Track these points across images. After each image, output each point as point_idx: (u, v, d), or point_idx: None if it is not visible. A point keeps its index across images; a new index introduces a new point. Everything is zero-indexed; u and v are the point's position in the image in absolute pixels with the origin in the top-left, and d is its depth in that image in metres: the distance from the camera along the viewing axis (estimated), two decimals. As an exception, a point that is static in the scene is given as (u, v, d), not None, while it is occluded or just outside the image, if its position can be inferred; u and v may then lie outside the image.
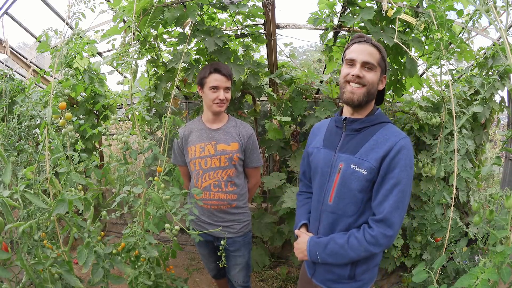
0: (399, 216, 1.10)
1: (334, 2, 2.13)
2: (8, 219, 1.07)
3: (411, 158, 1.13)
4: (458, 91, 2.12)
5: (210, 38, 1.99)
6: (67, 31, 1.54)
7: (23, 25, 2.63)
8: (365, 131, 1.20)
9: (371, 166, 1.13)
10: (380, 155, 1.12)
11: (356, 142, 1.20)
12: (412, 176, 1.14)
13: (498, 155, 1.42)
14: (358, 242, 1.13)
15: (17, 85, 2.45)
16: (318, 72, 3.22)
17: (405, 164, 1.10)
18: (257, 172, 1.92)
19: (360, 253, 1.13)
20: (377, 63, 1.18)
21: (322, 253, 1.19)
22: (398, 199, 1.09)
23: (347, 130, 1.24)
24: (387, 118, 1.24)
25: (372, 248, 1.12)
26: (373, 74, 1.18)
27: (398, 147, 1.11)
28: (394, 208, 1.09)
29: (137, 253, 1.51)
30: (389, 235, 1.10)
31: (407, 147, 1.12)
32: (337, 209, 1.21)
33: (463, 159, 1.93)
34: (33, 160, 1.93)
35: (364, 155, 1.15)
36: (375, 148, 1.14)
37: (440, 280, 1.92)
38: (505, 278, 0.99)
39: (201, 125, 1.82)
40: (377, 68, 1.18)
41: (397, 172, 1.10)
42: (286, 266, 2.95)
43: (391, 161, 1.11)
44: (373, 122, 1.21)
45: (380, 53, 1.19)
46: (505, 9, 1.22)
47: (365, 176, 1.14)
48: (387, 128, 1.18)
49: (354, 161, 1.16)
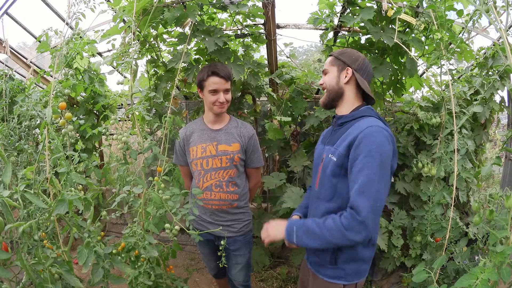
0: (367, 201, 1.09)
1: (334, 2, 2.13)
2: (8, 219, 1.07)
3: (378, 144, 1.12)
4: (458, 91, 2.12)
5: (210, 38, 1.99)
6: (67, 31, 1.54)
7: (23, 25, 2.64)
8: (346, 125, 1.29)
9: (339, 152, 1.21)
10: (347, 143, 1.19)
11: (337, 135, 1.30)
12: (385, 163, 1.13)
13: (498, 155, 1.43)
14: (334, 223, 1.15)
15: (17, 85, 2.44)
16: (318, 72, 3.21)
17: (369, 150, 1.12)
18: (258, 172, 1.92)
19: (333, 233, 1.14)
20: (331, 65, 1.33)
21: (299, 230, 1.22)
22: (362, 183, 1.10)
23: (335, 126, 1.36)
24: (370, 113, 1.28)
25: (348, 233, 1.11)
26: (329, 75, 1.33)
27: (363, 134, 1.15)
28: (358, 193, 1.11)
29: (137, 253, 1.51)
30: (360, 220, 1.09)
31: (375, 134, 1.14)
32: (320, 194, 1.31)
33: (463, 159, 1.93)
34: (33, 160, 1.93)
35: (338, 145, 1.24)
36: (347, 138, 1.21)
37: (440, 280, 1.92)
38: (505, 278, 0.99)
39: (202, 125, 1.82)
40: (331, 68, 1.33)
41: (361, 158, 1.13)
42: (286, 266, 2.95)
43: (356, 148, 1.15)
44: (354, 117, 1.28)
45: (332, 56, 1.35)
46: (505, 9, 1.22)
47: (335, 162, 1.22)
48: (363, 120, 1.23)
49: (331, 151, 1.27)
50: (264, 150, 2.84)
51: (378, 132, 1.14)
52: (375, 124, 1.17)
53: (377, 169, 1.11)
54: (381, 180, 1.12)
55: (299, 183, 2.73)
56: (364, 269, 1.28)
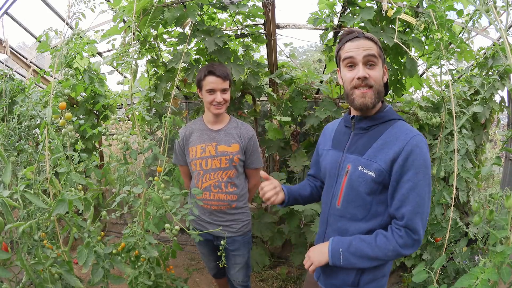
0: (421, 220, 1.04)
1: (334, 2, 2.13)
2: (8, 219, 1.07)
3: (425, 157, 1.03)
4: (458, 91, 2.12)
5: (210, 38, 1.99)
6: (67, 31, 1.54)
7: (23, 25, 2.63)
8: (374, 129, 1.12)
9: (380, 168, 1.05)
10: (390, 157, 1.04)
11: (364, 142, 1.12)
12: (430, 175, 1.06)
13: (498, 155, 1.43)
14: (388, 242, 1.05)
15: (17, 85, 2.44)
16: (318, 72, 3.22)
17: (420, 165, 1.02)
18: (258, 173, 1.92)
19: (387, 253, 1.05)
20: (378, 55, 1.09)
21: (345, 252, 1.09)
22: (416, 203, 1.02)
23: (356, 129, 1.17)
24: (397, 115, 1.14)
25: (401, 250, 1.04)
26: (377, 69, 1.09)
27: (410, 147, 1.02)
28: (413, 214, 1.02)
29: (137, 253, 1.51)
30: (416, 239, 1.04)
31: (420, 145, 1.03)
32: (346, 213, 1.15)
33: (463, 159, 1.93)
34: (33, 160, 1.93)
35: (372, 156, 1.07)
36: (384, 149, 1.06)
37: (440, 280, 1.92)
38: (505, 278, 0.99)
39: (202, 125, 1.82)
40: (379, 60, 1.10)
41: (411, 174, 1.02)
42: (286, 266, 2.95)
43: (404, 163, 1.02)
44: (382, 119, 1.12)
45: (376, 44, 1.11)
46: (505, 9, 1.21)
47: (374, 178, 1.06)
48: (397, 126, 1.09)
49: (362, 163, 1.09)
50: (264, 150, 2.84)
51: (422, 142, 1.04)
52: (416, 132, 1.06)
53: (427, 186, 1.04)
54: (429, 194, 1.06)
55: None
56: (384, 282, 1.20)
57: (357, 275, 1.14)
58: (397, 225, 1.06)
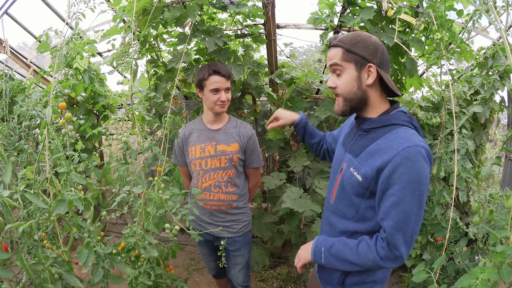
0: (403, 237, 0.98)
1: (334, 2, 2.13)
2: (8, 219, 1.07)
3: (418, 171, 0.95)
4: (458, 91, 2.13)
5: (210, 38, 1.99)
6: (67, 31, 1.54)
7: (23, 25, 2.63)
8: (374, 132, 1.07)
9: (366, 173, 1.03)
10: (377, 165, 1.00)
11: (362, 144, 1.10)
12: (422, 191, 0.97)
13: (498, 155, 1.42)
14: (368, 249, 1.03)
15: (17, 85, 2.45)
16: (318, 72, 3.21)
17: (408, 180, 0.94)
18: (257, 173, 1.92)
19: (367, 262, 1.03)
20: (344, 60, 1.04)
21: (327, 252, 1.11)
22: (398, 220, 0.97)
23: (359, 130, 1.15)
24: (402, 121, 1.05)
25: (380, 262, 1.02)
26: (344, 76, 1.06)
27: (399, 159, 0.95)
28: (394, 230, 0.98)
29: (137, 253, 1.51)
30: (397, 255, 1.00)
31: (413, 158, 0.94)
32: (337, 210, 1.16)
33: (463, 159, 1.93)
34: (33, 160, 1.93)
35: (363, 160, 1.05)
36: (375, 155, 1.02)
37: (440, 280, 1.92)
38: (505, 278, 0.99)
39: (201, 125, 1.82)
40: (346, 65, 1.05)
41: (397, 189, 0.96)
42: (286, 266, 2.95)
43: (391, 175, 0.97)
44: (383, 123, 1.06)
45: (342, 48, 1.04)
46: (505, 9, 1.22)
47: (360, 182, 1.04)
48: (396, 133, 1.02)
49: (354, 164, 1.08)
50: (264, 150, 2.84)
51: (417, 154, 0.95)
52: (413, 143, 0.96)
53: (416, 202, 0.96)
54: (419, 211, 0.98)
55: (299, 183, 2.73)
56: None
57: (341, 275, 1.16)
58: (382, 236, 1.03)
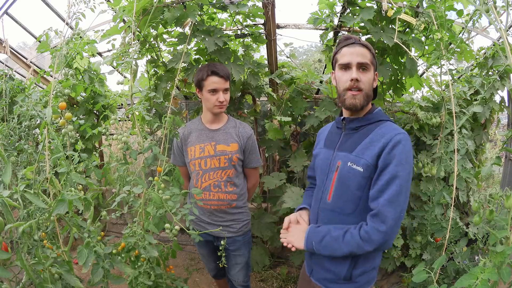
0: (394, 211, 1.07)
1: (334, 2, 2.13)
2: (8, 219, 1.07)
3: (408, 153, 1.11)
4: (458, 91, 2.13)
5: (210, 38, 1.99)
6: (67, 31, 1.54)
7: (23, 25, 2.64)
8: (363, 129, 1.21)
9: (367, 162, 1.13)
10: (375, 152, 1.12)
11: (354, 141, 1.21)
12: (411, 172, 1.12)
13: (498, 155, 1.42)
14: (352, 238, 1.12)
15: (17, 85, 2.44)
16: (318, 72, 3.21)
17: (401, 159, 1.09)
18: (256, 172, 1.92)
19: (352, 249, 1.12)
20: (370, 62, 1.20)
21: (317, 244, 1.19)
22: (392, 192, 1.07)
23: (346, 130, 1.26)
24: (386, 116, 1.23)
25: (365, 245, 1.09)
26: (369, 74, 1.20)
27: (393, 142, 1.10)
28: (388, 202, 1.07)
29: (137, 253, 1.51)
30: (382, 230, 1.07)
31: (403, 142, 1.11)
32: (336, 207, 1.21)
33: (463, 159, 1.93)
34: (33, 160, 1.93)
35: (360, 153, 1.16)
36: (371, 146, 1.14)
37: (440, 280, 1.92)
38: (505, 278, 0.99)
39: (200, 125, 1.82)
40: (371, 67, 1.20)
41: (392, 166, 1.09)
42: (286, 266, 2.95)
43: (387, 156, 1.10)
44: (370, 120, 1.21)
45: (370, 51, 1.21)
46: (505, 9, 1.22)
47: (361, 173, 1.14)
48: (384, 126, 1.18)
49: (351, 159, 1.17)
50: (264, 150, 2.84)
51: (407, 140, 1.12)
52: (401, 131, 1.14)
53: (407, 179, 1.09)
54: (407, 190, 1.10)
55: (299, 183, 2.73)
56: (374, 275, 1.26)
57: (349, 269, 1.20)
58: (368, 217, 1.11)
